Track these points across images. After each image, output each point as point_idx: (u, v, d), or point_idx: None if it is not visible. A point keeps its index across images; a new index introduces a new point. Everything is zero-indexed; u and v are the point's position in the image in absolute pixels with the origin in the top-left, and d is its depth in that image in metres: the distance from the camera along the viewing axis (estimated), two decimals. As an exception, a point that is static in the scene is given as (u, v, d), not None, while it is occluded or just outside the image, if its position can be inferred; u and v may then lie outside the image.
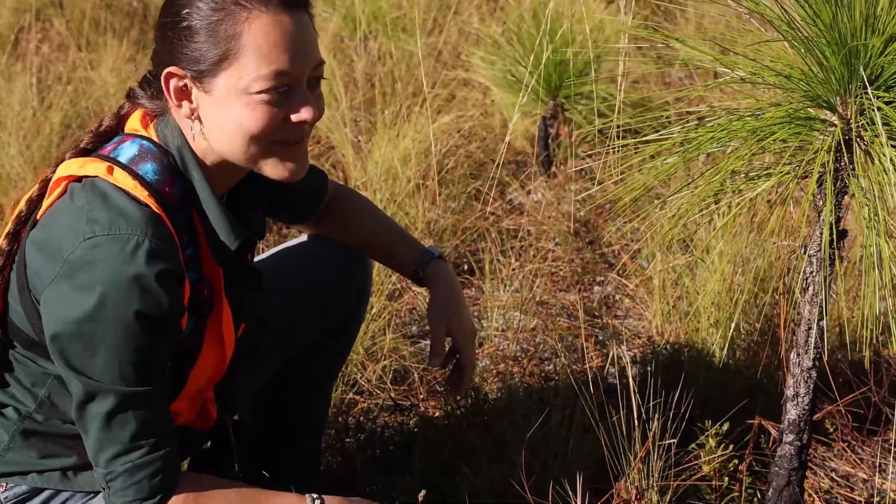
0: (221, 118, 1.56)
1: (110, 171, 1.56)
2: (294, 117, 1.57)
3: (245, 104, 1.54)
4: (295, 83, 1.57)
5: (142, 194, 1.54)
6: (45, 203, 1.60)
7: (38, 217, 1.60)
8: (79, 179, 1.58)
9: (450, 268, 2.05)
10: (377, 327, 2.82)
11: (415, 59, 4.32)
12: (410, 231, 3.41)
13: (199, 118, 1.59)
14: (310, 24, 1.59)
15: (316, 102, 1.60)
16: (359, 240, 2.08)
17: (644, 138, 1.96)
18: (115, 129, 1.69)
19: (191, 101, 1.59)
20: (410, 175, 3.55)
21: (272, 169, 1.61)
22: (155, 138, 1.62)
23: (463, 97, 4.51)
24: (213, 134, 1.59)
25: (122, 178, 1.55)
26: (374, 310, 2.86)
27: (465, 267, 3.41)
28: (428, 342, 2.92)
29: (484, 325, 3.00)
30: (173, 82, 1.58)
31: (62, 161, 1.63)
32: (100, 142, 1.67)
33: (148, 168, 1.58)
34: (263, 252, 2.15)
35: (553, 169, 4.04)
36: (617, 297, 3.22)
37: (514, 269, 3.25)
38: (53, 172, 1.63)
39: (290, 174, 1.61)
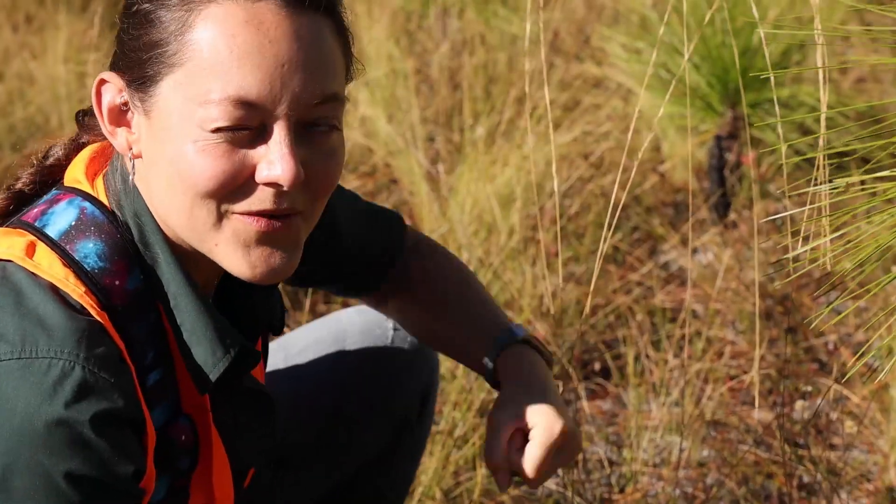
0: (158, 154, 1.53)
1: (31, 251, 1.55)
2: (259, 176, 1.51)
3: (193, 139, 1.49)
4: (272, 121, 1.50)
5: (75, 292, 1.52)
6: None
7: None
8: None
9: (534, 355, 1.95)
10: (461, 458, 2.80)
11: (519, 45, 4.34)
12: (513, 313, 3.41)
13: (139, 155, 1.56)
14: (322, 32, 1.53)
15: (311, 158, 1.52)
16: (434, 331, 2.09)
17: (878, 171, 1.94)
18: (66, 166, 1.69)
19: (130, 128, 1.57)
20: (514, 224, 3.55)
21: (228, 257, 1.55)
22: (103, 197, 1.61)
23: (592, 104, 4.53)
24: (152, 182, 1.56)
25: (46, 264, 1.54)
26: (455, 428, 2.84)
27: (597, 366, 3.42)
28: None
29: (625, 454, 2.98)
30: (108, 96, 1.57)
31: None
32: (43, 183, 1.67)
33: (89, 248, 1.56)
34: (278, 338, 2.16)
35: (732, 216, 4.02)
36: (833, 416, 3.19)
37: (671, 370, 3.23)
38: None
39: (251, 272, 1.55)
